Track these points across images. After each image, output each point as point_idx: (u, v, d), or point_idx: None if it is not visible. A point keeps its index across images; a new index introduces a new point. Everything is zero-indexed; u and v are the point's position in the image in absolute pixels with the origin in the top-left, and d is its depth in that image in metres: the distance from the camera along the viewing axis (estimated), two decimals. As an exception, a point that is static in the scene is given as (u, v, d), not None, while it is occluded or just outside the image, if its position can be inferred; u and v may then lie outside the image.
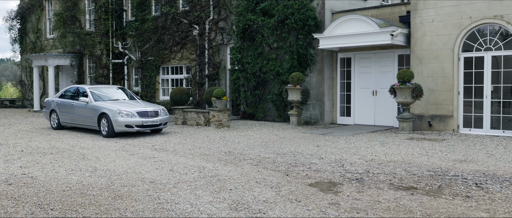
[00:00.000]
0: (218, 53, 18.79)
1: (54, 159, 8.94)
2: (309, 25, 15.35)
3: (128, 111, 12.13)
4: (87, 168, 7.93)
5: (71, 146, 10.76)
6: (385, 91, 14.80)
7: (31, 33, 27.52)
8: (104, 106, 12.42)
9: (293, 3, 15.66)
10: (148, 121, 12.28)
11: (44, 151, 9.99)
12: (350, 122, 15.63)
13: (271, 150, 9.90)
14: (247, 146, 10.54)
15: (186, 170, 7.76)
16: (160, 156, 9.18)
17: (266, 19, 16.49)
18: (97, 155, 9.41)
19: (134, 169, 7.82)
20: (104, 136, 12.34)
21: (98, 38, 22.64)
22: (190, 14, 19.66)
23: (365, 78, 15.31)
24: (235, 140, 11.59)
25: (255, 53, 17.01)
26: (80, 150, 10.12)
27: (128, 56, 22.69)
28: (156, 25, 21.00)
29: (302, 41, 15.62)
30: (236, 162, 8.49)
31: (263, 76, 16.81)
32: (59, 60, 23.60)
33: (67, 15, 24.29)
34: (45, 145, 10.95)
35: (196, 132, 13.33)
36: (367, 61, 15.25)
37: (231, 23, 18.18)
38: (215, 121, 14.47)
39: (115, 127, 12.03)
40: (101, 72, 22.85)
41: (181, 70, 20.68)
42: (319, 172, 7.49)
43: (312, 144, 10.77)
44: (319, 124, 15.59)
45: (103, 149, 10.26)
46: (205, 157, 9.12)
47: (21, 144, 11.15)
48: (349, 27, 14.20)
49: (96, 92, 13.47)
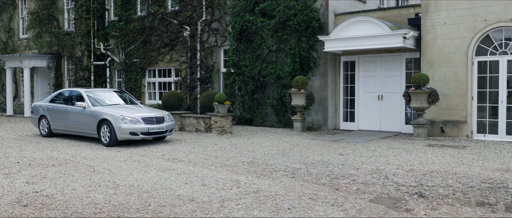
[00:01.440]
0: (211, 56, 17.96)
1: (61, 172, 7.94)
2: (313, 27, 14.77)
3: (132, 117, 11.15)
4: (106, 184, 7.01)
5: (71, 156, 9.73)
6: (391, 96, 14.40)
7: (2, 33, 25.81)
8: (105, 112, 11.39)
9: (296, 4, 15.05)
10: (154, 128, 11.34)
11: (43, 162, 8.94)
12: (354, 128, 15.13)
13: (296, 160, 9.21)
14: (266, 155, 9.81)
15: (220, 184, 6.96)
16: (179, 168, 8.33)
17: (266, 20, 15.81)
18: (107, 167, 8.45)
19: (161, 184, 6.95)
20: (105, 145, 11.31)
21: (79, 38, 21.35)
22: (181, 14, 18.75)
23: (370, 82, 14.84)
24: (248, 148, 10.83)
25: (253, 55, 16.29)
26: (84, 161, 9.13)
27: (110, 57, 21.49)
28: (143, 26, 19.94)
29: (305, 43, 15.02)
30: (268, 174, 7.75)
31: (263, 79, 16.10)
32: (35, 62, 22.12)
33: (44, 13, 22.84)
34: (40, 155, 9.86)
35: (200, 139, 12.48)
36: (372, 65, 14.79)
37: (225, 24, 17.40)
38: (218, 127, 13.65)
39: (118, 134, 11.03)
40: (82, 74, 21.56)
41: (169, 73, 19.70)
42: (369, 186, 6.85)
43: (333, 152, 10.14)
44: (322, 130, 15.02)
45: (110, 159, 9.29)
46: (229, 168, 8.33)
47: (12, 154, 10.02)
48: (357, 29, 13.69)
49: (93, 96, 12.40)
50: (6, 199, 6.09)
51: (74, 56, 21.82)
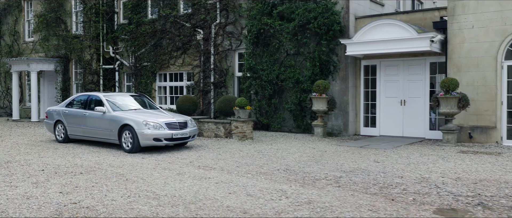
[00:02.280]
0: (226, 59, 17.60)
1: (92, 181, 7.54)
2: (334, 30, 14.45)
3: (155, 123, 10.76)
4: (145, 194, 6.62)
5: (96, 163, 9.32)
6: (415, 101, 14.08)
7: (7, 36, 25.35)
8: (127, 117, 10.99)
9: (316, 7, 14.73)
10: (177, 134, 10.94)
11: (69, 170, 8.53)
12: (375, 133, 14.78)
13: (332, 167, 8.85)
14: (298, 162, 9.44)
15: (266, 194, 6.58)
16: (215, 176, 7.95)
17: (284, 23, 15.47)
18: (138, 175, 8.06)
19: (204, 194, 6.57)
20: (126, 151, 10.90)
21: (88, 41, 20.93)
22: (194, 17, 18.39)
23: (392, 87, 14.52)
24: (277, 155, 10.46)
25: (270, 59, 15.94)
26: (111, 168, 8.73)
27: (119, 61, 21.09)
28: (154, 29, 19.56)
29: (325, 47, 14.69)
30: (311, 183, 7.38)
31: (281, 84, 15.75)
32: (42, 65, 21.67)
33: (51, 16, 22.42)
34: (63, 162, 9.45)
35: (223, 145, 12.09)
36: (394, 69, 14.47)
37: (241, 27, 17.05)
38: (238, 133, 13.27)
39: (141, 140, 10.63)
40: (91, 78, 21.13)
41: (181, 77, 19.32)
42: (424, 196, 6.50)
43: (367, 159, 9.79)
44: (343, 136, 14.67)
45: (138, 167, 8.89)
46: (267, 176, 7.96)
47: (33, 161, 9.60)
48: (381, 33, 13.38)
49: (112, 100, 12.00)
50: (45, 212, 5.69)
51: (82, 60, 21.39)
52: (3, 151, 11.14)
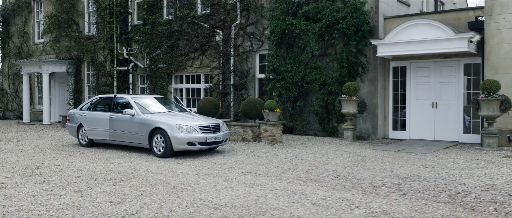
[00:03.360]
0: (246, 61, 17.14)
1: (137, 188, 7.06)
2: (363, 31, 14.03)
3: (189, 126, 10.28)
4: (203, 203, 6.15)
5: (132, 169, 8.84)
6: (447, 103, 13.65)
7: (16, 37, 24.83)
8: (158, 120, 10.51)
9: (345, 7, 14.31)
10: (211, 138, 10.47)
11: (107, 177, 8.05)
12: (405, 137, 14.34)
13: (382, 173, 8.40)
14: (344, 167, 8.99)
15: (332, 203, 6.12)
16: (266, 183, 7.48)
17: (310, 24, 15.04)
18: (184, 182, 7.58)
19: (268, 204, 6.10)
20: (158, 156, 10.41)
21: (102, 42, 20.43)
22: (212, 18, 17.94)
23: (423, 89, 14.09)
24: (316, 160, 10.01)
25: (295, 60, 15.49)
26: (151, 175, 8.25)
27: (133, 63, 20.61)
28: (171, 30, 19.10)
29: (354, 47, 14.26)
30: (372, 190, 6.93)
31: (306, 86, 15.30)
32: (54, 67, 21.17)
33: (63, 17, 21.92)
34: (97, 168, 8.97)
35: (255, 150, 11.63)
36: (425, 71, 14.05)
37: (262, 28, 16.61)
38: (268, 137, 12.81)
39: (174, 145, 10.14)
40: (105, 80, 20.63)
41: (198, 79, 18.85)
42: (503, 205, 6.05)
43: (412, 164, 9.34)
44: (372, 139, 14.22)
45: (178, 173, 8.41)
46: (320, 183, 7.50)
47: (64, 166, 9.11)
48: (415, 33, 12.96)
49: (139, 102, 11.52)
50: (103, 224, 5.22)
51: (96, 61, 20.89)
52: (28, 156, 10.65)
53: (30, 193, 6.72)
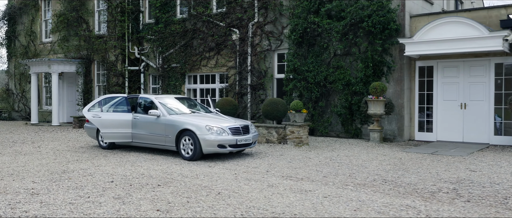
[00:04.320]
0: (264, 60, 16.69)
1: (181, 195, 6.60)
2: (390, 29, 13.60)
3: (219, 127, 9.81)
4: (259, 212, 5.69)
5: (164, 173, 8.38)
6: (477, 104, 13.24)
7: (22, 36, 24.31)
8: (186, 121, 10.04)
9: (370, 4, 13.88)
10: (241, 140, 10.01)
11: (142, 181, 7.58)
12: (432, 138, 13.91)
13: (429, 177, 7.96)
14: (387, 171, 8.55)
15: (399, 212, 5.68)
16: (314, 188, 7.03)
17: (333, 22, 14.60)
18: (226, 187, 7.13)
19: (328, 212, 5.65)
20: (186, 159, 9.94)
21: (114, 41, 19.93)
22: (229, 16, 17.48)
23: (450, 89, 13.67)
24: (353, 163, 9.57)
25: (317, 60, 15.06)
26: (186, 179, 7.79)
27: (145, 62, 20.14)
28: (184, 29, 18.63)
29: (380, 46, 13.82)
30: (431, 197, 6.49)
31: (329, 86, 14.85)
32: (64, 66, 20.67)
33: (73, 16, 21.42)
34: (127, 172, 8.50)
35: (284, 152, 11.17)
36: (453, 71, 13.63)
37: (281, 27, 16.17)
38: (294, 138, 12.36)
39: (204, 147, 9.68)
40: (116, 80, 20.13)
41: (213, 79, 18.39)
42: None
43: (457, 168, 8.91)
44: (398, 141, 13.79)
45: (215, 177, 7.95)
46: (371, 188, 7.05)
47: (91, 170, 8.64)
48: (445, 31, 12.54)
49: (163, 102, 11.04)
50: (160, 235, 4.76)
51: (107, 61, 20.39)
52: (49, 159, 10.17)
53: (66, 200, 6.25)
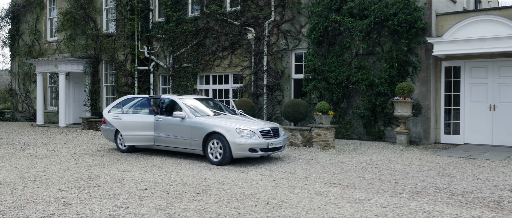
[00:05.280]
0: (281, 60, 16.18)
1: (227, 205, 6.07)
2: (417, 28, 13.13)
3: (249, 130, 9.29)
4: (320, 225, 5.19)
5: (198, 179, 7.84)
6: (507, 106, 12.79)
7: (27, 35, 23.68)
8: (215, 124, 9.50)
9: (396, 2, 13.40)
10: (272, 143, 9.49)
11: (178, 189, 7.05)
12: (459, 141, 13.45)
13: (482, 184, 7.48)
14: (433, 177, 8.06)
15: (473, 225, 5.19)
16: (366, 197, 6.53)
17: (356, 21, 14.12)
18: (273, 196, 6.60)
19: (398, 225, 5.16)
20: (214, 163, 9.40)
21: (124, 40, 19.36)
22: (243, 15, 16.96)
23: (479, 90, 13.21)
24: (391, 167, 9.07)
25: (338, 60, 14.56)
26: (224, 186, 7.26)
27: (154, 62, 19.59)
28: (197, 27, 18.10)
29: (406, 46, 13.35)
30: (495, 206, 6.01)
31: (352, 87, 14.36)
32: (71, 66, 20.08)
33: (80, 14, 20.82)
34: (158, 178, 7.96)
35: (313, 156, 10.66)
36: (482, 71, 13.17)
37: (300, 25, 15.66)
38: (321, 141, 11.85)
39: (234, 151, 9.15)
40: (125, 80, 19.55)
41: (226, 79, 17.86)
42: None
43: (504, 174, 8.43)
44: (424, 144, 13.31)
45: (254, 185, 7.43)
46: (428, 196, 6.56)
47: (118, 176, 8.09)
48: (477, 30, 12.09)
49: (188, 103, 10.50)
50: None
51: (115, 60, 19.80)
52: (69, 163, 9.60)
53: (104, 212, 5.72)
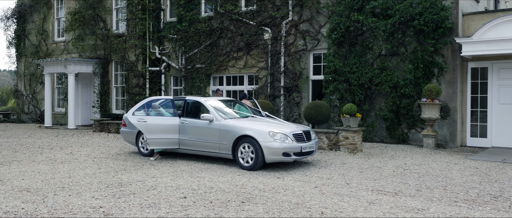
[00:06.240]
0: (299, 61, 15.78)
1: (282, 215, 5.67)
2: (444, 28, 12.76)
3: (282, 134, 8.89)
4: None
5: (235, 186, 7.43)
6: (537, 108, 12.43)
7: (33, 35, 23.21)
8: (245, 126, 9.09)
9: (422, 1, 13.04)
10: (306, 147, 9.08)
11: (219, 197, 6.64)
12: (486, 144, 13.08)
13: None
14: (480, 183, 7.69)
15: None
16: (423, 207, 6.14)
17: (379, 20, 13.74)
18: (323, 205, 6.20)
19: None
20: (245, 168, 8.98)
21: (135, 40, 18.92)
22: (260, 14, 16.56)
23: (507, 92, 12.86)
24: (431, 173, 8.69)
25: (360, 60, 14.18)
26: (266, 194, 6.85)
27: (166, 63, 19.17)
28: (211, 27, 17.68)
29: (432, 46, 12.98)
30: None
31: (375, 88, 13.97)
32: (80, 67, 19.63)
33: (89, 14, 20.38)
34: (189, 184, 7.54)
35: (343, 160, 10.26)
36: (511, 72, 12.82)
37: (319, 25, 15.28)
38: (349, 145, 11.46)
39: (267, 155, 8.75)
40: (136, 81, 19.11)
41: (241, 80, 17.45)
42: None
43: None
44: (450, 147, 12.94)
45: (297, 192, 7.03)
46: (488, 205, 6.18)
47: (150, 183, 7.67)
48: (509, 30, 11.72)
49: (214, 105, 10.07)
50: None
51: (126, 61, 19.36)
52: (92, 168, 9.18)
53: (151, 223, 5.31)
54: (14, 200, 6.38)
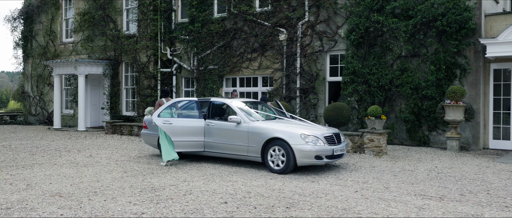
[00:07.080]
0: (315, 62, 15.57)
1: (328, 221, 5.46)
2: (467, 29, 12.58)
3: (314, 136, 8.66)
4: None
5: (272, 190, 7.20)
6: (563, 110, 12.25)
7: (41, 36, 22.94)
8: (275, 129, 8.86)
9: (444, 1, 12.85)
10: (337, 150, 8.87)
11: (261, 203, 6.41)
12: (509, 147, 12.90)
13: None
14: (522, 188, 7.49)
15: None
16: (477, 213, 5.93)
17: (400, 21, 13.55)
18: (372, 211, 5.99)
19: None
20: (275, 172, 8.75)
21: (147, 41, 18.68)
22: (275, 15, 16.35)
23: (531, 93, 12.69)
24: (468, 177, 8.48)
25: (380, 62, 13.98)
26: (309, 199, 6.63)
27: (177, 64, 18.93)
28: (224, 28, 17.47)
29: (454, 47, 12.80)
30: None
31: (395, 90, 13.77)
32: (91, 68, 19.37)
33: (99, 14, 20.13)
34: (224, 188, 7.31)
35: (371, 163, 10.05)
36: (534, 74, 12.65)
37: (336, 26, 15.08)
38: (374, 147, 11.25)
39: (299, 158, 8.53)
40: (148, 83, 18.87)
41: (255, 82, 17.22)
42: None
43: None
44: (473, 149, 12.76)
45: (339, 197, 6.81)
46: (542, 212, 5.98)
47: (184, 187, 7.44)
48: (536, 31, 11.55)
49: (241, 107, 9.84)
50: None
51: (138, 62, 19.12)
52: (117, 171, 8.93)
53: (200, 230, 5.08)
54: (49, 205, 6.14)
